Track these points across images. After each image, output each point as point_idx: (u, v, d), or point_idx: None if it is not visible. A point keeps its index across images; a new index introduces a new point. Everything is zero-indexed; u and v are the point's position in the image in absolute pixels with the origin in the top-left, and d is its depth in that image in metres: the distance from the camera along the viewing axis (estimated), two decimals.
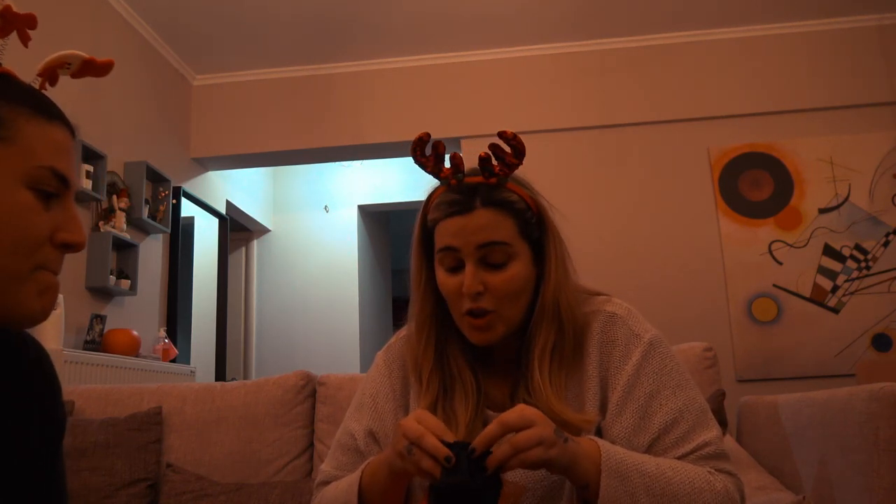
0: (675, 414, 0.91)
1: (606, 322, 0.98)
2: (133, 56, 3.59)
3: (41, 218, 0.64)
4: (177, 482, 1.63)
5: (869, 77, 3.80)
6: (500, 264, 0.94)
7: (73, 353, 2.63)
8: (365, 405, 1.07)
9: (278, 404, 1.76)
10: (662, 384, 0.93)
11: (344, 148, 4.16)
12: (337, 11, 3.62)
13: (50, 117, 0.66)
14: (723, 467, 0.89)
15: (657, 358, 0.95)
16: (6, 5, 0.68)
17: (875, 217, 3.65)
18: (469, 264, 0.93)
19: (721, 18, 3.84)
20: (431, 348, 1.00)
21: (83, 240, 0.68)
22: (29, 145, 0.63)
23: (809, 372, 3.52)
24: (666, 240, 3.76)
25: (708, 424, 0.92)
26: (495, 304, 0.93)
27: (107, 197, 3.14)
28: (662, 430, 0.90)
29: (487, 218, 0.93)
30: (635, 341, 0.96)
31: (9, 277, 0.62)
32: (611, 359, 0.96)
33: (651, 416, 0.91)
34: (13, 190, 0.62)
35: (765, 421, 1.64)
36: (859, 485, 1.20)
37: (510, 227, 0.94)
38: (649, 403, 0.92)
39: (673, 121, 3.90)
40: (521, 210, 0.96)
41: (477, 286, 0.92)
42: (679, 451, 0.89)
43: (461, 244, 0.93)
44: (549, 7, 3.67)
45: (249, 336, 4.89)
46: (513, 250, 0.94)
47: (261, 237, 5.12)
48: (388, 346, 1.11)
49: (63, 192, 0.66)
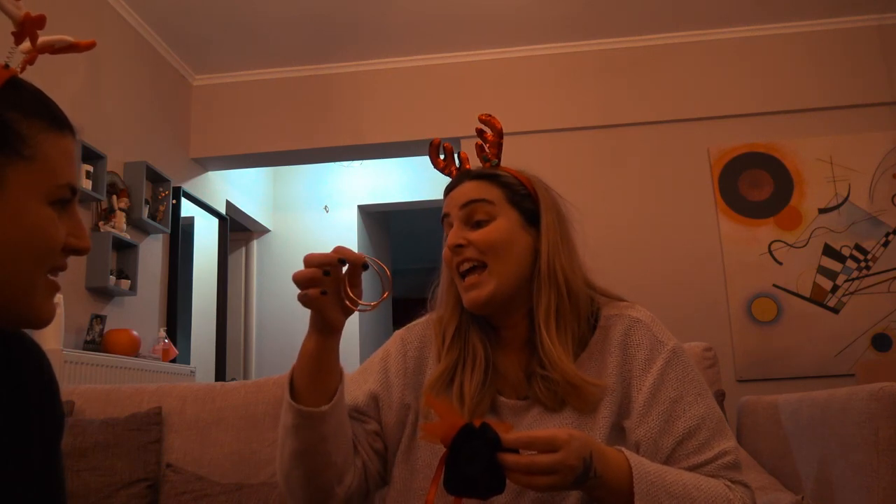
0: (697, 420, 0.94)
1: (631, 326, 1.00)
2: (133, 56, 3.59)
3: (59, 229, 0.67)
4: (177, 482, 1.63)
5: (869, 77, 3.80)
6: (482, 221, 1.01)
7: (73, 353, 2.63)
8: (373, 370, 1.07)
9: (278, 404, 1.76)
10: (685, 391, 0.96)
11: (344, 148, 4.16)
12: (337, 11, 3.62)
13: (61, 128, 0.68)
14: (739, 479, 0.93)
15: (680, 365, 0.98)
16: (25, 13, 0.68)
17: (875, 217, 3.65)
18: (455, 223, 1.02)
19: (721, 18, 3.84)
20: (456, 317, 1.04)
21: (90, 245, 0.71)
22: (49, 163, 0.66)
23: (809, 372, 3.52)
24: (666, 240, 3.76)
25: (726, 433, 0.96)
26: (479, 255, 0.99)
27: (107, 197, 3.14)
28: (686, 435, 0.93)
29: (473, 185, 1.03)
30: (659, 347, 0.99)
31: (29, 286, 0.65)
32: (634, 361, 0.98)
33: (675, 420, 0.94)
34: (39, 207, 0.65)
35: (765, 421, 1.65)
36: (859, 485, 1.20)
37: (494, 192, 1.02)
38: (673, 408, 0.95)
39: (673, 121, 3.90)
40: (510, 183, 1.04)
41: (459, 239, 1.00)
42: (700, 457, 0.92)
43: (450, 209, 1.03)
44: (550, 7, 3.67)
45: (249, 336, 4.89)
46: (494, 210, 1.01)
47: (261, 237, 5.12)
48: (410, 326, 1.13)
49: (72, 198, 0.69)
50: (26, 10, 0.69)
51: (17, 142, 0.63)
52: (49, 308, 0.68)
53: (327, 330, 0.89)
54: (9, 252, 0.63)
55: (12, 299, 0.64)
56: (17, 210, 0.63)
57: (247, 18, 3.65)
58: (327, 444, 0.91)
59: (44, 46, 0.72)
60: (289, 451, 0.92)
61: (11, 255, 0.63)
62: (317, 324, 0.89)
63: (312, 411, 0.89)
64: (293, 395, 0.90)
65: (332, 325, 0.89)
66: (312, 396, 0.90)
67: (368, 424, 1.03)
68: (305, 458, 0.91)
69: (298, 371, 0.91)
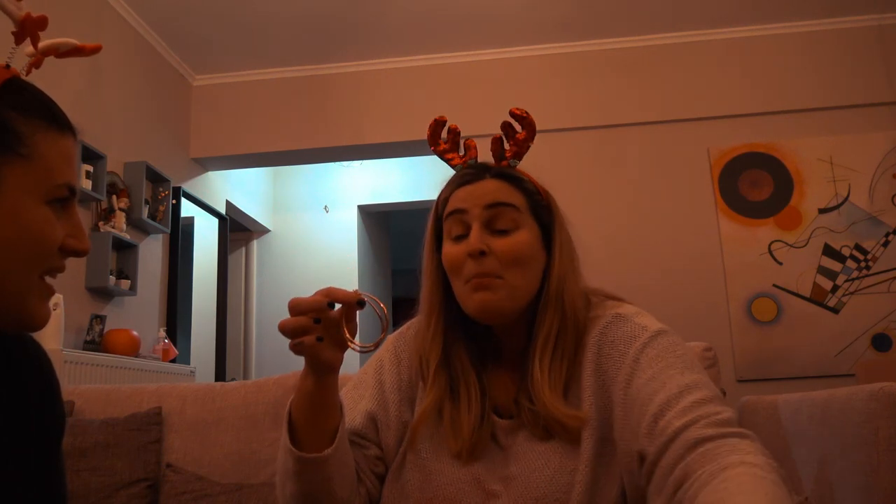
0: (681, 388, 0.79)
1: (609, 322, 0.93)
2: (133, 56, 3.59)
3: (56, 229, 0.66)
4: (176, 482, 1.63)
5: (869, 77, 3.80)
6: (506, 230, 0.92)
7: (73, 353, 2.63)
8: (368, 384, 1.01)
9: (278, 404, 1.76)
10: (668, 365, 0.83)
11: (344, 148, 4.16)
12: (337, 11, 3.62)
13: (61, 128, 0.68)
14: (738, 431, 0.74)
15: (661, 344, 0.86)
16: (26, 13, 0.68)
17: (875, 217, 3.65)
18: (475, 225, 0.91)
19: (720, 18, 3.84)
20: (439, 340, 0.96)
21: (89, 247, 0.70)
22: (47, 162, 0.65)
23: (809, 372, 3.52)
24: (666, 240, 3.76)
25: (723, 403, 0.80)
26: (500, 269, 0.90)
27: (106, 197, 3.14)
28: (665, 405, 0.78)
29: (497, 185, 0.94)
30: (639, 332, 0.89)
31: (24, 288, 0.64)
32: (610, 357, 0.90)
33: (654, 395, 0.80)
34: (35, 207, 0.64)
35: (764, 421, 1.64)
36: (859, 485, 1.20)
37: (520, 198, 0.94)
38: (650, 385, 0.82)
39: (673, 121, 3.90)
40: (531, 191, 0.96)
41: (481, 245, 0.90)
42: (685, 418, 0.76)
43: (469, 206, 0.93)
44: (549, 7, 3.67)
45: (249, 336, 4.89)
46: (521, 218, 0.92)
47: (261, 237, 5.12)
48: (402, 331, 1.07)
49: (70, 199, 0.68)
50: (27, 10, 0.69)
51: (14, 141, 0.63)
52: (43, 311, 0.67)
53: (325, 370, 0.83)
54: (3, 252, 0.62)
55: (5, 301, 0.64)
56: (14, 209, 0.62)
57: (247, 18, 3.65)
58: (332, 483, 0.86)
59: (49, 49, 0.71)
60: (290, 493, 0.87)
61: (5, 255, 0.62)
62: (314, 367, 0.82)
63: (315, 458, 0.83)
64: (292, 437, 0.85)
65: (329, 365, 0.82)
66: (312, 436, 0.85)
67: (369, 450, 0.97)
68: (309, 500, 0.86)
69: (297, 410, 0.85)
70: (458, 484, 0.92)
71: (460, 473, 0.92)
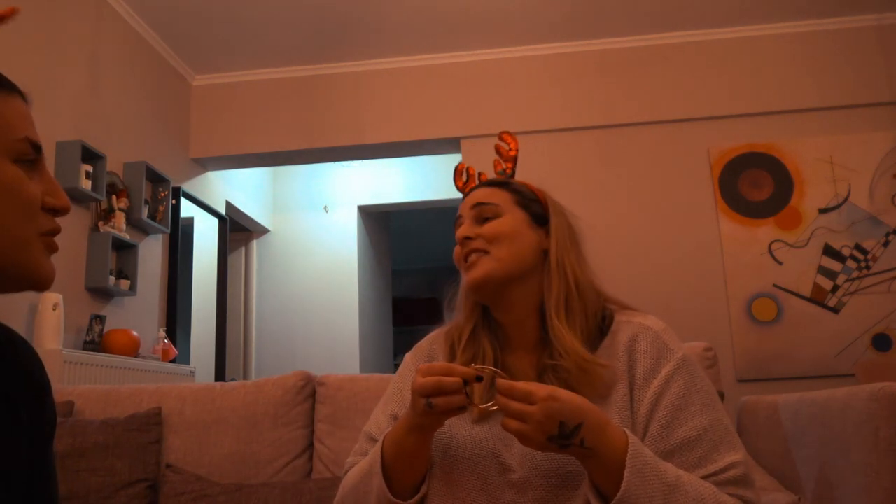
0: (698, 431, 0.92)
1: (639, 331, 1.01)
2: (133, 56, 3.59)
3: (30, 186, 0.67)
4: (176, 483, 1.63)
5: (869, 77, 3.80)
6: (489, 218, 1.08)
7: (73, 353, 2.63)
8: (391, 397, 1.14)
9: (278, 405, 1.76)
10: (691, 401, 0.94)
11: (344, 148, 4.16)
12: (337, 11, 3.62)
13: (10, 90, 0.68)
14: (741, 494, 0.89)
15: (688, 374, 0.97)
16: None
17: (875, 217, 3.65)
18: (465, 222, 1.10)
19: (720, 18, 3.84)
20: (471, 324, 1.09)
21: (68, 204, 0.71)
22: (3, 119, 0.66)
23: (809, 372, 3.52)
24: (666, 240, 3.76)
25: (733, 445, 0.93)
26: (485, 245, 1.05)
27: (106, 197, 3.14)
28: (684, 444, 0.91)
29: (483, 190, 1.12)
30: (668, 355, 0.98)
31: (23, 243, 0.65)
32: (639, 367, 0.98)
33: (675, 429, 0.93)
34: (3, 165, 0.65)
35: (764, 421, 1.64)
36: (859, 485, 1.20)
37: (503, 196, 1.10)
38: (675, 416, 0.93)
39: (673, 121, 3.90)
40: (519, 189, 1.11)
41: (468, 232, 1.08)
42: (702, 471, 0.90)
43: (463, 211, 1.12)
44: (549, 7, 3.67)
45: (249, 336, 4.89)
46: (501, 210, 1.08)
47: (260, 237, 5.12)
48: (417, 347, 1.19)
49: (38, 159, 0.69)
50: None
51: None
52: (48, 266, 0.68)
53: (432, 428, 0.94)
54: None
55: (7, 257, 0.64)
56: None
57: (246, 19, 3.64)
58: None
59: None
60: None
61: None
62: (425, 426, 0.93)
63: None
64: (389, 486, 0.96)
65: (439, 426, 0.95)
66: (401, 484, 0.97)
67: None
68: None
69: (392, 464, 0.97)
70: (475, 455, 0.99)
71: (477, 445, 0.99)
